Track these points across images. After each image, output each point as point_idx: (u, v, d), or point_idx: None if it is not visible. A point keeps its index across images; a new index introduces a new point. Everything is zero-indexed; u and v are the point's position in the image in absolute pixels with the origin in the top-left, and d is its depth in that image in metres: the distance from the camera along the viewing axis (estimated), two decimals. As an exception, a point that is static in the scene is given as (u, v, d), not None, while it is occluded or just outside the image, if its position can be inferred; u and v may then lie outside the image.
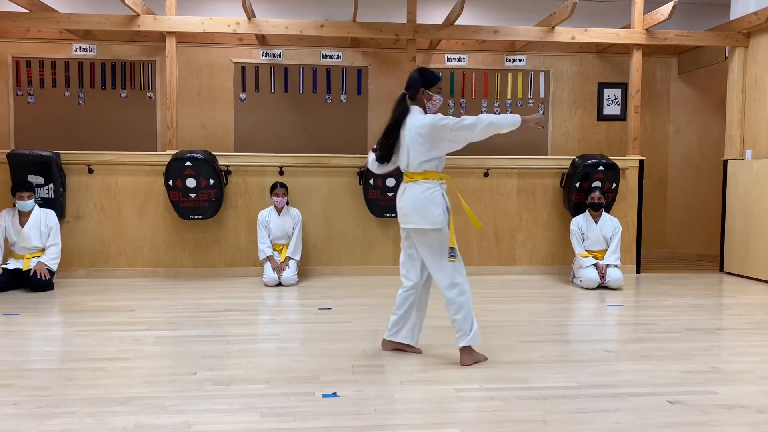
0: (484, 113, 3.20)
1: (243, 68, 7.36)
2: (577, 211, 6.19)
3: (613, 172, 6.25)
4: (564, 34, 6.54)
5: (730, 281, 6.29)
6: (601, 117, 7.84)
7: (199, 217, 6.01)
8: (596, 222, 5.93)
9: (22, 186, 5.53)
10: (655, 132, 8.05)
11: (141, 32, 6.82)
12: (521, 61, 7.65)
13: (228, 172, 6.19)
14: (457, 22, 6.47)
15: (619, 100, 7.82)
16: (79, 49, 7.17)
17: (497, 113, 7.62)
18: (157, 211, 6.17)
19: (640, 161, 6.61)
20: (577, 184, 6.22)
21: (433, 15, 7.09)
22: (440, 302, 5.04)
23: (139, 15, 6.10)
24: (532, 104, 7.71)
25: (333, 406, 2.82)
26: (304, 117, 7.41)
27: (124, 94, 7.27)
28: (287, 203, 6.02)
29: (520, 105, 7.69)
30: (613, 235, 5.89)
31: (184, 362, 3.46)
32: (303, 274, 6.16)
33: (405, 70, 6.52)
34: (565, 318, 4.83)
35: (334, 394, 2.96)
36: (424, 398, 2.96)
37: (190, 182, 5.87)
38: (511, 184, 6.50)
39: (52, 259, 5.55)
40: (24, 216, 5.57)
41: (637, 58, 6.61)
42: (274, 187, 5.95)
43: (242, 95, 7.38)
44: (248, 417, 2.69)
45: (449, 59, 7.55)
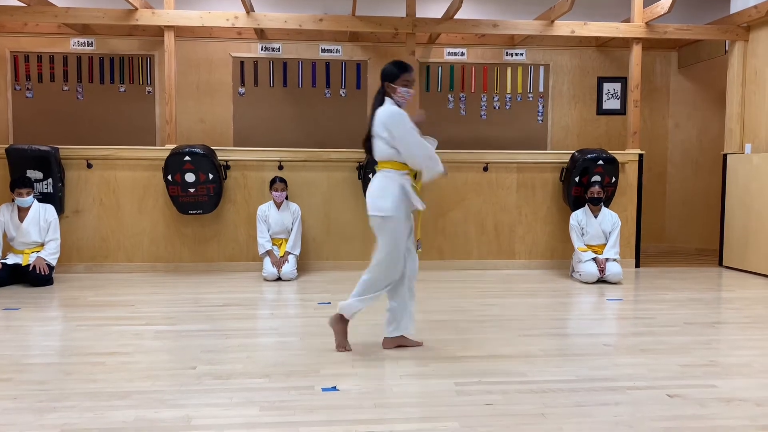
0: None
1: (242, 62, 7.34)
2: (576, 205, 6.19)
3: (612, 166, 6.25)
4: (563, 27, 6.52)
5: (729, 275, 6.30)
6: (601, 111, 7.83)
7: (199, 211, 6.00)
8: (595, 216, 5.93)
9: (20, 182, 5.52)
10: (655, 126, 8.04)
11: (139, 26, 6.79)
12: (521, 55, 7.64)
13: (227, 167, 6.18)
14: (456, 16, 6.45)
15: (619, 94, 7.81)
16: (77, 44, 7.15)
17: (497, 108, 7.63)
18: (156, 205, 6.17)
19: (640, 155, 6.61)
20: (577, 179, 6.22)
21: (433, 9, 7.07)
22: (436, 297, 5.08)
23: (137, 9, 6.08)
24: (531, 98, 7.70)
25: (333, 400, 2.83)
26: (303, 111, 7.40)
27: (122, 89, 7.26)
28: (286, 198, 6.02)
29: (519, 99, 7.68)
30: (613, 229, 5.89)
31: (184, 356, 3.46)
32: (302, 268, 6.16)
33: (404, 65, 6.52)
34: (565, 312, 4.84)
35: (334, 388, 2.96)
36: (423, 392, 2.97)
37: (189, 177, 5.86)
38: (510, 179, 6.50)
39: (51, 254, 5.55)
40: (23, 211, 5.56)
41: (636, 52, 6.59)
42: (273, 182, 5.95)
43: (241, 90, 7.37)
44: (248, 411, 2.70)
45: (449, 53, 7.54)
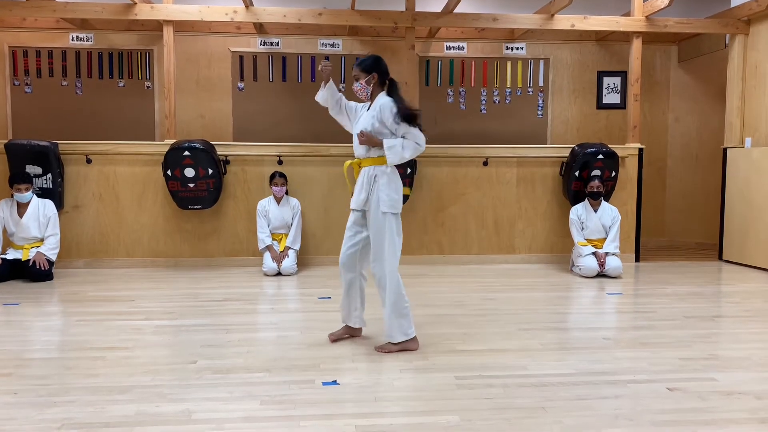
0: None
1: (241, 57, 7.33)
2: (576, 199, 6.18)
3: (612, 160, 6.24)
4: (563, 21, 6.51)
5: (729, 269, 6.30)
6: (601, 105, 7.82)
7: (198, 206, 5.99)
8: (595, 211, 5.93)
9: (19, 178, 5.51)
10: (655, 120, 8.03)
11: (138, 21, 6.78)
12: (521, 49, 7.62)
13: (227, 162, 6.17)
14: (456, 10, 6.43)
15: (619, 88, 7.79)
16: (76, 39, 7.13)
17: (496, 102, 7.62)
18: (156, 200, 6.16)
19: (640, 150, 6.60)
20: (577, 173, 6.21)
21: (432, 3, 7.04)
22: (436, 292, 5.08)
23: (136, 3, 6.06)
24: (531, 92, 7.68)
25: (333, 394, 2.83)
26: (303, 106, 7.37)
27: (121, 84, 7.24)
28: (286, 193, 6.01)
29: (519, 93, 7.66)
30: (612, 223, 5.88)
31: (184, 351, 3.46)
32: (302, 263, 6.16)
33: (404, 59, 6.51)
34: (565, 306, 4.84)
35: (334, 382, 2.96)
36: (423, 386, 2.97)
37: (189, 172, 5.86)
38: (510, 173, 6.49)
39: (51, 250, 5.54)
40: (22, 206, 5.56)
41: (636, 46, 6.58)
42: (273, 177, 5.94)
43: (240, 84, 7.35)
44: (248, 405, 2.70)
45: (448, 47, 7.52)
